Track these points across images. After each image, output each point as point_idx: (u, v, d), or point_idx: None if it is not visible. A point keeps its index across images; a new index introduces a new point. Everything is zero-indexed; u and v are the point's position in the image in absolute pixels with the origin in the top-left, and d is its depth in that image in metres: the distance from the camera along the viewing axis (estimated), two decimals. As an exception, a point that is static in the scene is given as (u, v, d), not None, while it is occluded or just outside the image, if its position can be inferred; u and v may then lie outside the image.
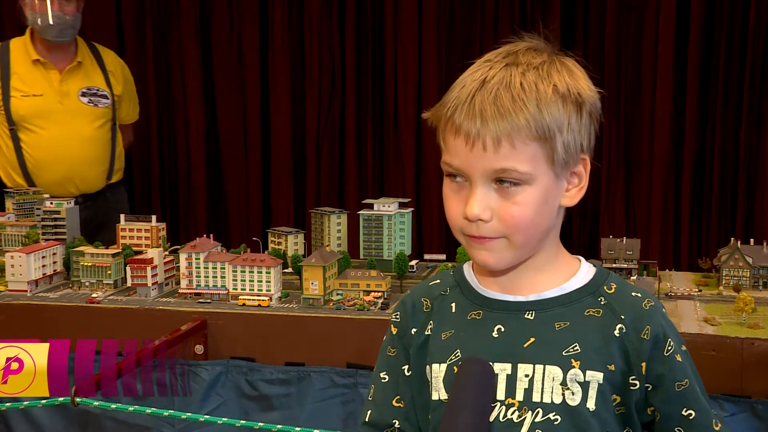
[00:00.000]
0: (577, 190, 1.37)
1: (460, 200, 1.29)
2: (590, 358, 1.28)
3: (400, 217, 3.40)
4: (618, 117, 4.48)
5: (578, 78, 1.32)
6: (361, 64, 4.82)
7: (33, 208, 3.70)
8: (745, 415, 2.54)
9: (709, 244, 4.37)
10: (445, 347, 1.35)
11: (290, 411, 2.85)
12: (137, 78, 5.02)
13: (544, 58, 1.30)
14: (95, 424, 3.03)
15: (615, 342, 1.29)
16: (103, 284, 3.24)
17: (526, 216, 1.28)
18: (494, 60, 1.30)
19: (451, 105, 1.28)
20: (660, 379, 1.30)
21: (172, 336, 2.82)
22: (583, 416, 1.27)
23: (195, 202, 5.08)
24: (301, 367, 2.84)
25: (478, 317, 1.35)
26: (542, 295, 1.34)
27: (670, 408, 1.31)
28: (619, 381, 1.29)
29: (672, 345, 1.31)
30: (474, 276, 1.40)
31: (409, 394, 1.41)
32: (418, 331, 1.40)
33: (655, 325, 1.31)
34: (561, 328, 1.31)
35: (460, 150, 1.27)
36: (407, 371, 1.41)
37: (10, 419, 3.10)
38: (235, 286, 3.09)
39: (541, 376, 1.28)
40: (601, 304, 1.33)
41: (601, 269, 1.39)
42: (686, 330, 2.65)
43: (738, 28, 4.30)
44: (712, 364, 2.58)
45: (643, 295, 1.35)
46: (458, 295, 1.40)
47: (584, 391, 1.27)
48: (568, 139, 1.29)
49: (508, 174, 1.26)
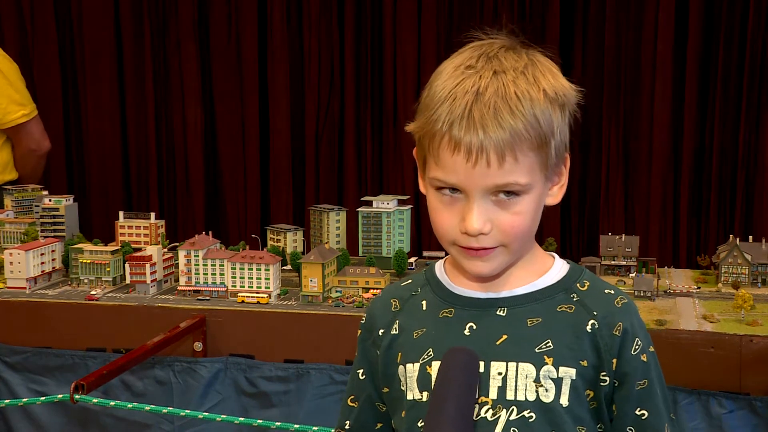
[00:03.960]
0: (559, 187, 1.35)
1: (453, 213, 1.27)
2: (563, 354, 1.28)
3: (399, 215, 3.41)
4: (617, 114, 4.48)
5: (558, 76, 1.31)
6: (360, 62, 4.81)
7: (32, 205, 3.70)
8: (743, 413, 2.54)
9: (708, 241, 4.37)
10: (417, 346, 1.34)
11: (289, 408, 2.85)
12: (137, 77, 5.03)
13: (525, 60, 1.28)
14: (94, 422, 3.03)
15: (587, 337, 1.29)
16: (102, 281, 3.24)
17: (525, 224, 1.28)
18: (478, 67, 1.26)
19: (445, 119, 1.23)
20: (624, 377, 1.30)
21: (171, 333, 2.82)
22: (557, 412, 1.27)
23: (194, 200, 5.07)
24: (300, 364, 2.84)
25: (449, 315, 1.34)
26: (514, 291, 1.33)
27: (626, 406, 1.31)
28: (592, 376, 1.29)
29: (639, 344, 1.31)
30: (445, 274, 1.39)
31: (364, 395, 1.43)
32: (385, 331, 1.40)
33: (626, 323, 1.31)
34: (533, 324, 1.30)
35: (459, 166, 1.23)
36: (361, 375, 1.43)
37: (9, 417, 3.10)
38: (234, 284, 3.09)
39: (515, 373, 1.27)
40: (574, 300, 1.32)
41: (574, 266, 1.38)
42: (685, 327, 2.65)
43: (737, 24, 4.30)
44: (711, 362, 2.59)
45: (616, 293, 1.35)
46: (429, 293, 1.39)
47: (557, 387, 1.27)
48: (558, 143, 1.29)
49: (510, 187, 1.25)
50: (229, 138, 5.01)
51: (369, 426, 1.44)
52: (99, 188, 5.11)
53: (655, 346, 1.37)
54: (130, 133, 5.09)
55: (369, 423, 1.44)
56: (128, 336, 2.94)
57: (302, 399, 2.82)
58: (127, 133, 5.09)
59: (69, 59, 5.08)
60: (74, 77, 5.09)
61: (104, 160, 5.09)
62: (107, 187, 5.10)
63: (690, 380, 2.57)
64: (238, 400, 2.90)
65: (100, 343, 3.01)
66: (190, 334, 2.90)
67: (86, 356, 2.99)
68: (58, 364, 3.02)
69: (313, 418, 2.70)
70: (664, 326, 2.63)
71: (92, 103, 5.06)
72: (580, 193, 4.59)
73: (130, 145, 5.10)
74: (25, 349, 3.04)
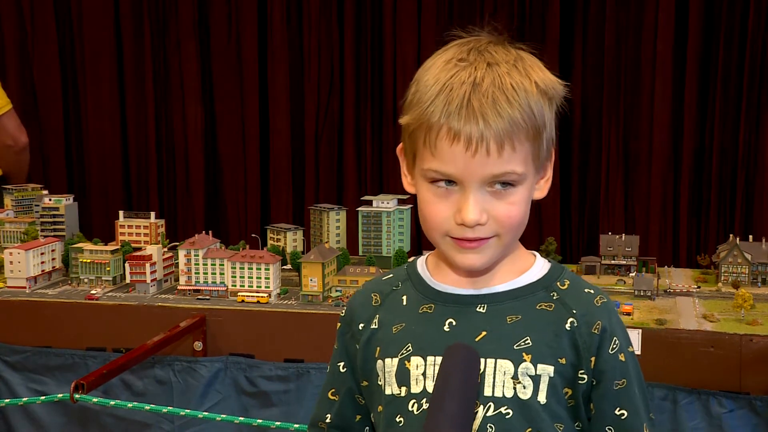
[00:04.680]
0: (545, 181, 1.36)
1: (448, 205, 1.27)
2: (541, 351, 1.28)
3: (399, 214, 3.41)
4: (617, 114, 4.48)
5: (545, 71, 1.31)
6: (360, 61, 4.81)
7: (32, 205, 3.70)
8: (743, 412, 2.54)
9: (708, 240, 4.37)
10: (396, 341, 1.34)
11: (289, 407, 2.85)
12: (137, 77, 5.02)
13: (514, 54, 1.29)
14: (94, 421, 3.03)
15: (566, 335, 1.29)
16: (102, 281, 3.25)
17: (519, 215, 1.29)
18: (471, 59, 1.27)
19: (442, 110, 1.24)
20: (601, 376, 1.30)
21: (171, 333, 2.82)
22: (534, 410, 1.26)
23: (194, 199, 5.07)
24: (300, 364, 2.84)
25: (429, 311, 1.34)
26: (494, 288, 1.33)
27: (605, 406, 1.31)
28: (570, 374, 1.29)
29: (617, 343, 1.31)
30: (426, 269, 1.39)
31: (344, 388, 1.43)
32: (365, 325, 1.39)
33: (604, 321, 1.31)
34: (512, 321, 1.30)
35: (457, 156, 1.23)
36: (342, 368, 1.43)
37: (10, 417, 3.10)
38: (234, 283, 3.09)
39: (493, 369, 1.27)
40: (554, 298, 1.32)
41: (555, 265, 1.38)
42: (685, 326, 2.65)
43: (737, 24, 4.30)
44: (711, 361, 2.59)
45: (596, 292, 1.35)
46: (409, 289, 1.38)
47: (535, 384, 1.27)
48: (548, 135, 1.30)
49: (508, 177, 1.25)
50: (229, 138, 5.01)
51: (350, 419, 1.43)
52: (99, 188, 5.10)
53: (655, 346, 1.36)
54: (130, 133, 5.09)
55: (349, 416, 1.43)
56: (128, 335, 2.95)
57: (302, 398, 2.83)
58: (127, 133, 5.09)
59: (69, 59, 5.08)
60: (74, 77, 5.09)
61: (104, 160, 5.08)
62: (107, 186, 5.09)
63: (690, 380, 2.57)
64: (238, 400, 2.90)
65: (100, 343, 3.01)
66: (190, 333, 2.91)
67: (86, 356, 2.99)
68: (58, 364, 3.02)
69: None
70: (664, 326, 2.63)
71: (92, 103, 5.06)
72: (580, 193, 4.59)
73: (130, 145, 5.10)
74: (25, 349, 3.04)
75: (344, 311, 1.46)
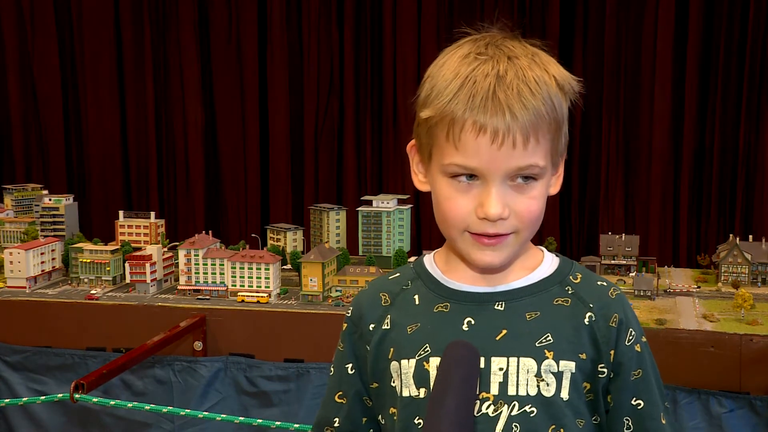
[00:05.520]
0: (557, 177, 1.35)
1: (470, 200, 1.25)
2: (563, 347, 1.27)
3: (399, 214, 3.41)
4: (617, 113, 4.48)
5: (560, 66, 1.31)
6: (360, 61, 4.81)
7: (32, 205, 3.70)
8: (743, 411, 2.54)
9: (708, 240, 4.37)
10: (412, 342, 1.31)
11: (289, 407, 2.85)
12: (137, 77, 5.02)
13: (530, 49, 1.29)
14: (94, 421, 3.03)
15: (585, 330, 1.28)
16: (101, 281, 3.25)
17: (538, 209, 1.28)
18: (489, 53, 1.26)
19: (467, 102, 1.22)
20: (619, 368, 1.30)
21: (171, 332, 2.82)
22: (558, 406, 1.26)
23: (194, 199, 5.07)
24: (300, 364, 2.84)
25: (445, 310, 1.32)
26: (511, 285, 1.31)
27: (622, 397, 1.31)
28: (590, 369, 1.28)
29: (633, 335, 1.31)
30: (437, 268, 1.36)
31: (353, 390, 1.39)
32: (375, 326, 1.36)
33: (620, 314, 1.31)
34: (532, 318, 1.29)
35: (482, 149, 1.21)
36: (350, 369, 1.39)
37: (9, 416, 3.10)
38: (234, 283, 3.09)
39: (516, 368, 1.26)
40: (569, 293, 1.31)
41: (564, 259, 1.38)
42: (685, 326, 2.65)
43: (737, 23, 4.30)
44: (711, 361, 2.59)
45: (608, 284, 1.35)
46: (421, 288, 1.35)
47: (558, 381, 1.26)
48: (565, 130, 1.30)
49: (531, 170, 1.24)
50: (229, 137, 5.01)
51: (358, 422, 1.41)
52: (99, 188, 5.11)
53: (655, 346, 1.37)
54: (130, 133, 5.09)
55: (358, 419, 1.41)
56: (128, 335, 2.95)
57: (302, 398, 2.83)
58: (127, 133, 5.09)
59: (69, 59, 5.08)
60: (74, 77, 5.09)
61: (104, 160, 5.09)
62: (107, 186, 5.09)
63: (690, 379, 2.57)
64: (238, 400, 2.90)
65: (100, 343, 3.01)
66: (190, 333, 2.91)
67: (86, 355, 2.99)
68: (58, 364, 3.02)
69: (312, 417, 2.69)
70: (664, 325, 2.63)
71: (92, 103, 5.06)
72: (580, 192, 4.59)
73: (130, 145, 5.10)
74: (25, 349, 3.04)
75: (350, 311, 1.40)
